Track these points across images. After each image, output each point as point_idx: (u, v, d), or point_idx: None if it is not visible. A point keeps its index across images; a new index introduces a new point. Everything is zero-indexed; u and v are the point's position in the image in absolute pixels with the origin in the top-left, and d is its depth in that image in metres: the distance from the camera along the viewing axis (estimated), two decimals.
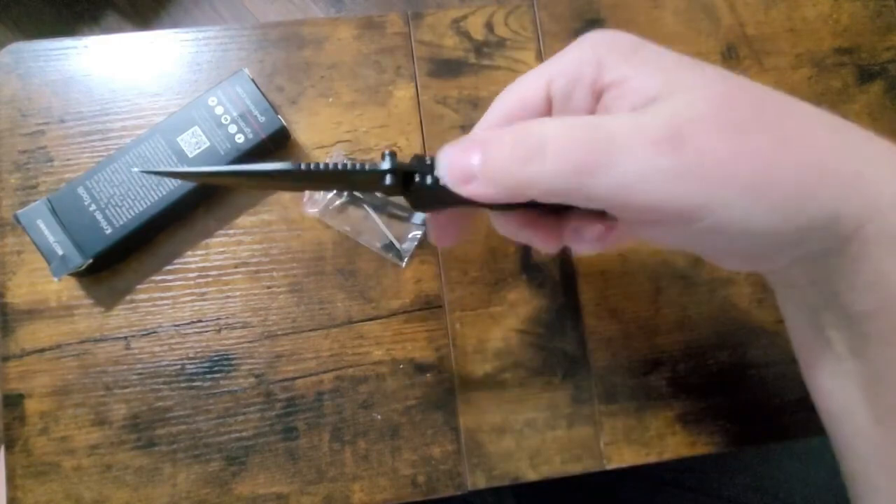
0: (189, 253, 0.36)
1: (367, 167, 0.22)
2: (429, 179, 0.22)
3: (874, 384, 0.21)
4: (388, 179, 0.22)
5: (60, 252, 0.33)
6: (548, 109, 0.23)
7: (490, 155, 0.20)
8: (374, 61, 0.38)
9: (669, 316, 0.37)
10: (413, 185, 0.22)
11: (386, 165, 0.22)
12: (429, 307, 0.36)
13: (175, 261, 0.36)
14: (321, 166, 0.21)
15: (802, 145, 0.19)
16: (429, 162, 0.22)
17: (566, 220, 0.24)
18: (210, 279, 0.36)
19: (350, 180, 0.23)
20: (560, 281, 0.37)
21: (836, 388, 0.22)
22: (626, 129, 0.19)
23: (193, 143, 0.34)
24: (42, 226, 0.33)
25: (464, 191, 0.21)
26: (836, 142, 0.19)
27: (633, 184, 0.18)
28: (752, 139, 0.18)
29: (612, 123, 0.19)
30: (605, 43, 0.21)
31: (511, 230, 0.25)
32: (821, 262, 0.20)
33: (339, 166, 0.21)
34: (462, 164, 0.21)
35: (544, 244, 0.24)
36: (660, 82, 0.20)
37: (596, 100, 0.22)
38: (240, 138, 0.35)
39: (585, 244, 0.24)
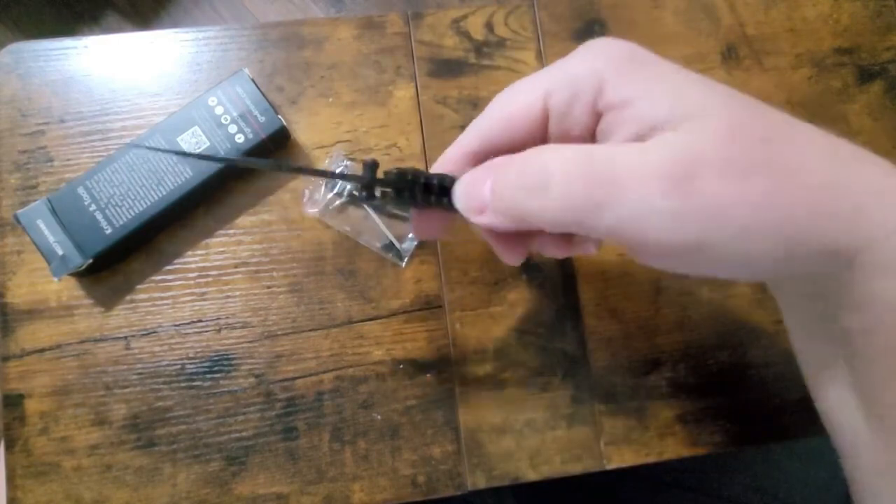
0: (189, 253, 0.36)
1: (347, 174, 0.24)
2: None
3: (870, 396, 0.21)
4: (364, 194, 0.23)
5: (60, 252, 0.33)
6: (544, 122, 0.23)
7: (496, 186, 0.21)
8: (374, 61, 0.38)
9: (669, 316, 0.37)
10: (402, 194, 0.23)
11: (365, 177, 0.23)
12: (429, 307, 0.36)
13: (175, 261, 0.36)
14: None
15: (801, 185, 0.19)
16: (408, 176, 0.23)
17: (532, 237, 0.25)
18: (210, 279, 0.36)
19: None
20: (560, 281, 0.37)
21: (836, 397, 0.23)
22: (630, 166, 0.19)
23: (193, 143, 0.34)
24: (42, 226, 0.33)
25: (477, 220, 0.22)
26: (835, 173, 0.19)
27: (635, 222, 0.19)
28: (752, 181, 0.18)
29: (618, 158, 0.19)
30: (606, 56, 0.21)
31: (483, 235, 0.26)
32: (819, 281, 0.21)
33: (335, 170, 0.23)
34: (474, 194, 0.22)
35: (506, 257, 0.25)
36: (665, 109, 0.19)
37: (595, 118, 0.21)
38: (240, 138, 0.35)
39: (549, 254, 0.25)
